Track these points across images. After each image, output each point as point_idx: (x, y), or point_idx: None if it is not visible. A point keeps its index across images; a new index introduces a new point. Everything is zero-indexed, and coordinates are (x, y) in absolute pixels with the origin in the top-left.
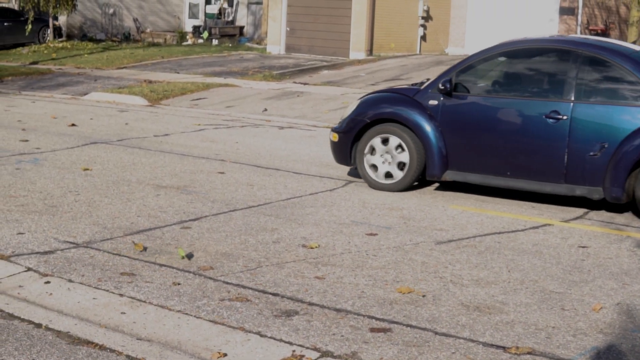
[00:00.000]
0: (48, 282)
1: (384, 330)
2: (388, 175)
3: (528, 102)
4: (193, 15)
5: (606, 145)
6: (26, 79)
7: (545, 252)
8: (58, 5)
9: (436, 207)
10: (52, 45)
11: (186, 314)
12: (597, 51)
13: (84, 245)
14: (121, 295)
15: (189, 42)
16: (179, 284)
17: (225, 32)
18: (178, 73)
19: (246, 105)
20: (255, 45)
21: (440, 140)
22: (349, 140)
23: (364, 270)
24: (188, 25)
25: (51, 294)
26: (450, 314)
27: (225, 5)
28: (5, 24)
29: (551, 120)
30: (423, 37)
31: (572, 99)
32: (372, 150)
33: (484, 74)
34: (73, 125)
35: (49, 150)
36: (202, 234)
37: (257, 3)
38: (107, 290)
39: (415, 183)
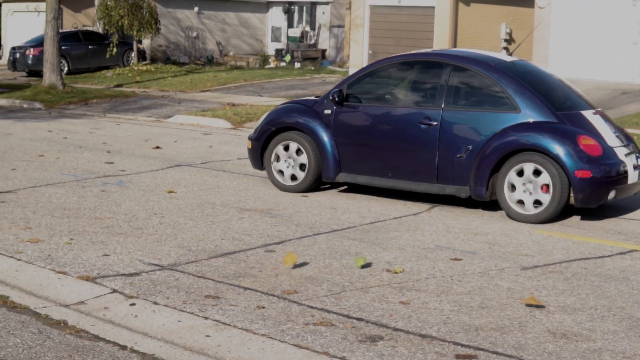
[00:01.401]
0: (133, 304)
1: (470, 357)
2: (294, 177)
3: (405, 109)
4: (276, 38)
5: (470, 148)
6: (111, 101)
7: (632, 278)
8: (142, 29)
9: (521, 231)
10: (136, 68)
11: (270, 337)
12: (464, 62)
13: (169, 267)
14: (206, 318)
15: (272, 65)
16: (263, 307)
17: (308, 55)
18: (261, 96)
19: None
20: (337, 69)
21: (334, 145)
22: (259, 147)
23: (449, 295)
24: (271, 48)
25: (136, 315)
26: (536, 341)
27: (308, 28)
28: (90, 47)
29: (424, 125)
30: None
31: (442, 106)
32: (278, 157)
33: (370, 85)
34: (157, 147)
35: (133, 172)
36: None
37: (339, 26)
38: (192, 313)
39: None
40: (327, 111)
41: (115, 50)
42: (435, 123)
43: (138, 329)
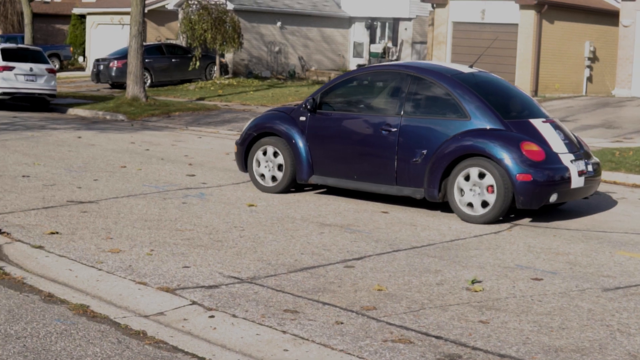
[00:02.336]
0: (212, 317)
1: None
2: (273, 179)
3: (369, 117)
4: (357, 54)
5: (425, 153)
6: (193, 114)
7: None
8: (225, 43)
9: (603, 252)
10: (218, 82)
11: (349, 353)
12: (422, 73)
13: (248, 280)
14: (284, 332)
15: None
16: (342, 323)
17: None
18: None
19: None
20: None
21: (307, 150)
22: (243, 151)
23: (528, 315)
24: (352, 63)
25: (215, 328)
26: None
27: (390, 44)
28: (173, 60)
29: (384, 132)
30: (589, 79)
31: (402, 114)
32: (258, 161)
33: (340, 94)
34: (227, 153)
35: (214, 185)
36: (366, 273)
37: (422, 42)
38: (271, 327)
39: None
40: (302, 118)
41: (198, 63)
42: (394, 129)
43: (217, 341)
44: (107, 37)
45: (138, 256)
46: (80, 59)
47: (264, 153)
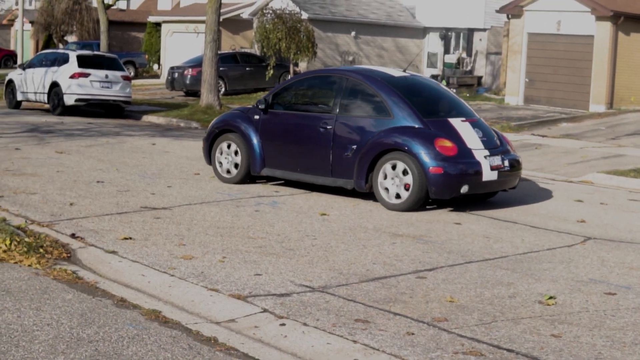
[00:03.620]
0: (283, 325)
1: None
2: (229, 172)
3: (310, 115)
4: (432, 64)
5: (355, 148)
6: None
7: None
8: (299, 52)
9: None
10: None
11: None
12: (356, 76)
13: (320, 289)
14: (355, 342)
15: None
16: (412, 333)
17: (463, 82)
18: None
19: None
20: (493, 96)
21: (260, 145)
22: (208, 146)
23: (601, 330)
24: (426, 74)
25: (286, 336)
26: None
27: (464, 55)
28: (247, 69)
29: (322, 129)
30: None
31: (337, 112)
32: (221, 152)
33: (288, 95)
34: None
35: (287, 193)
36: (438, 284)
37: (496, 53)
38: (341, 336)
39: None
40: (256, 117)
41: (272, 72)
42: (330, 127)
43: (287, 349)
44: (182, 45)
45: (210, 263)
46: (155, 66)
47: (225, 148)
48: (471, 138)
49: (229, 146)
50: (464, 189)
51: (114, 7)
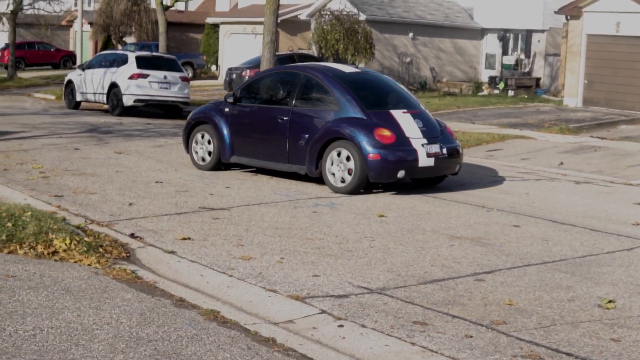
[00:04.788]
0: (341, 326)
1: None
2: (204, 159)
3: (271, 108)
4: (489, 65)
5: (307, 137)
6: None
7: None
8: (357, 53)
9: None
10: None
11: None
12: (310, 72)
13: (378, 291)
14: (413, 344)
15: (485, 92)
16: (471, 336)
17: (522, 84)
18: (473, 123)
19: (541, 158)
20: (552, 98)
21: (229, 135)
22: (186, 135)
23: None
24: (484, 75)
25: (344, 337)
26: None
27: (522, 56)
28: None
29: (280, 120)
30: None
31: (293, 105)
32: (196, 142)
33: (253, 90)
34: None
35: (345, 195)
36: (496, 287)
37: (555, 55)
38: (399, 338)
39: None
40: (227, 109)
41: None
42: (286, 118)
43: (345, 350)
44: (239, 46)
45: (269, 263)
46: (213, 67)
47: (199, 138)
48: (410, 128)
49: (202, 136)
50: (401, 173)
51: (173, 9)
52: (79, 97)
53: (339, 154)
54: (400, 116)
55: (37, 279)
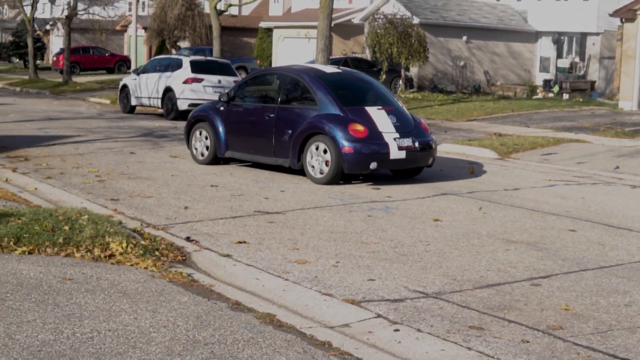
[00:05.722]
0: (397, 330)
1: None
2: (202, 154)
3: (259, 107)
4: (544, 68)
5: (290, 132)
6: None
7: None
8: (410, 57)
9: None
10: (403, 95)
11: None
12: (294, 73)
13: (434, 295)
14: (469, 348)
15: (539, 95)
16: (527, 341)
17: (576, 87)
18: (528, 127)
19: (597, 162)
20: (607, 101)
21: (224, 132)
22: (187, 131)
23: None
24: (539, 79)
25: (400, 342)
26: None
27: (577, 59)
28: None
29: (267, 118)
30: None
31: (278, 104)
32: (195, 139)
33: (245, 90)
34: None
35: (400, 199)
36: (552, 292)
37: (610, 58)
38: (455, 343)
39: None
40: (222, 108)
41: (384, 77)
42: (272, 116)
43: (401, 355)
44: (293, 50)
45: (324, 267)
46: None
47: (198, 134)
48: (384, 123)
49: (200, 133)
50: (373, 165)
51: (226, 13)
52: (133, 102)
53: (317, 148)
54: (375, 112)
55: (94, 282)
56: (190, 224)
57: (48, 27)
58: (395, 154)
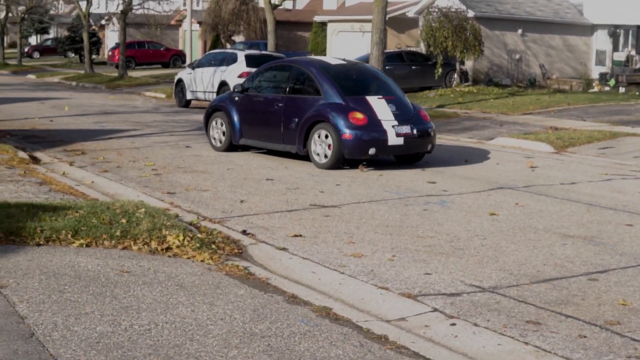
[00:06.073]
0: (454, 324)
1: None
2: (221, 141)
3: (269, 97)
4: (600, 62)
5: (297, 121)
6: (432, 121)
7: None
8: (465, 50)
9: None
10: (458, 89)
11: None
12: (301, 64)
13: (490, 290)
14: (526, 343)
15: (595, 89)
16: (584, 336)
17: (633, 80)
18: (584, 120)
19: None
20: None
21: (239, 120)
22: (206, 120)
23: None
24: (594, 72)
25: (456, 336)
26: None
27: (633, 52)
28: (413, 67)
29: (276, 107)
30: None
31: (286, 94)
32: (213, 127)
33: (257, 81)
34: (466, 161)
35: (455, 193)
36: (610, 287)
37: None
38: (512, 337)
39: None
40: (237, 98)
41: (440, 71)
42: (281, 105)
43: (457, 349)
44: (347, 44)
45: (380, 261)
46: None
47: (214, 123)
48: (383, 111)
49: (217, 122)
50: (372, 151)
51: (281, 7)
52: (189, 96)
53: (319, 135)
54: (375, 101)
55: (152, 274)
56: (246, 217)
57: (103, 22)
58: (393, 140)
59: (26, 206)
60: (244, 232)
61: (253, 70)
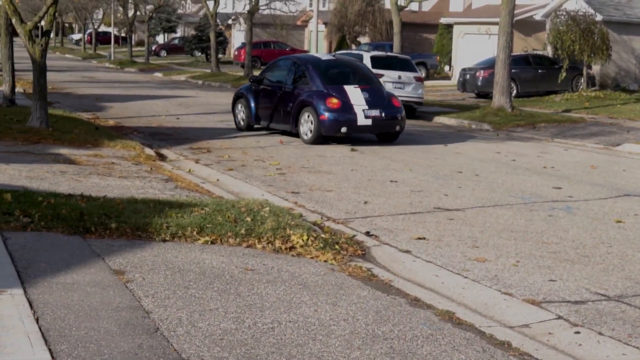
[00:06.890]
0: (578, 332)
1: None
2: (242, 122)
3: (275, 86)
4: None
5: (292, 105)
6: (558, 126)
7: None
8: (593, 55)
9: None
10: (584, 94)
11: None
12: (298, 59)
13: (615, 298)
14: None
15: None
16: None
17: None
18: None
19: None
20: None
21: (255, 106)
22: (233, 105)
23: None
24: None
25: (580, 344)
26: None
27: None
28: (539, 71)
29: (279, 94)
30: None
31: (288, 83)
32: (237, 111)
33: (269, 73)
34: (593, 167)
35: (581, 199)
36: None
37: None
38: (638, 348)
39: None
40: (254, 87)
41: (564, 75)
42: (282, 92)
43: (581, 357)
44: (473, 46)
45: (504, 266)
46: (446, 68)
47: (239, 107)
48: (356, 97)
49: (239, 107)
50: (344, 129)
51: (407, 9)
52: None
53: (306, 117)
54: (351, 90)
55: (275, 273)
56: (369, 219)
57: (230, 21)
58: (362, 121)
59: (152, 202)
60: (367, 234)
61: (379, 71)
